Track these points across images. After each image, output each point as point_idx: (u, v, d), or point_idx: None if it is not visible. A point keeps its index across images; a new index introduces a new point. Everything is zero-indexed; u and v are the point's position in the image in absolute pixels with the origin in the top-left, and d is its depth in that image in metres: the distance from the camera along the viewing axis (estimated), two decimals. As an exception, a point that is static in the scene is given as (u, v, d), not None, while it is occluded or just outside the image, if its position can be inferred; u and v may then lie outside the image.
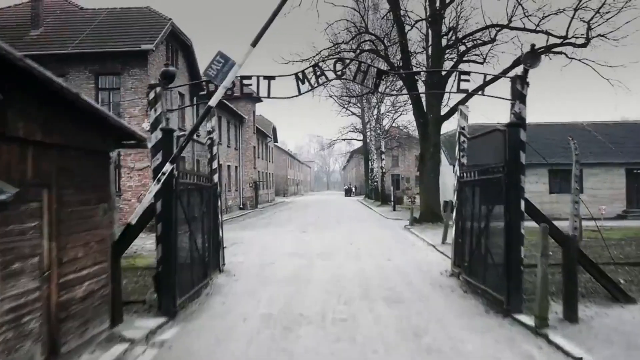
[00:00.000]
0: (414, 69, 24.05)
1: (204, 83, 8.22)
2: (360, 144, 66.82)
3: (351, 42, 22.95)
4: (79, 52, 20.74)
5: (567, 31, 19.52)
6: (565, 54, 20.14)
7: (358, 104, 56.52)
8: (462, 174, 10.73)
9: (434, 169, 22.40)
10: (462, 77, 7.96)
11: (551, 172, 27.03)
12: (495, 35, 23.31)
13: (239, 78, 7.74)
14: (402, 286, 10.11)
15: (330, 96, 35.26)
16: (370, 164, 57.89)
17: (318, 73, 7.78)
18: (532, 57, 7.56)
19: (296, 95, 7.88)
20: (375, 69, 9.49)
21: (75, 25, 22.95)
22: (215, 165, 11.39)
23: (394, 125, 54.89)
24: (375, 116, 50.85)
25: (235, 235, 19.70)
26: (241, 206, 40.67)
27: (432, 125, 22.32)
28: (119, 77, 21.27)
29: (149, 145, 7.59)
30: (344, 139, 64.61)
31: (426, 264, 12.77)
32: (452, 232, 15.95)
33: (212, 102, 7.16)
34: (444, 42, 22.65)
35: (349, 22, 23.57)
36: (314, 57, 20.82)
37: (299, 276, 11.28)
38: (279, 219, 29.29)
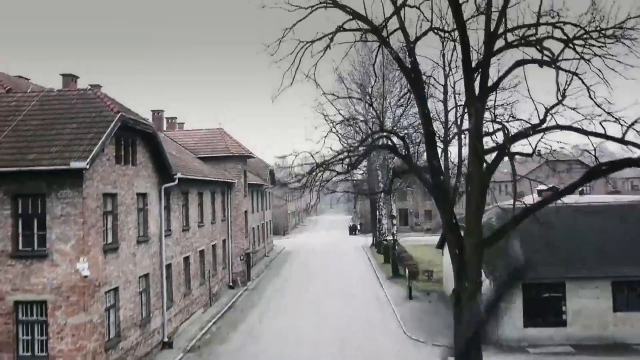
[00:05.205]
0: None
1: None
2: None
3: (360, 146, 17.13)
4: (-15, 171, 15.12)
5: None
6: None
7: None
8: None
9: (473, 315, 16.54)
10: None
11: (615, 285, 21.21)
12: (544, 116, 17.70)
13: None
14: None
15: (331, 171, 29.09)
16: (377, 213, 51.83)
17: None
18: None
19: None
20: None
21: (-6, 121, 17.31)
22: None
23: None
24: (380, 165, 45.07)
25: None
26: (230, 284, 34.98)
27: (470, 254, 16.51)
28: (44, 200, 15.60)
29: None
30: (347, 180, 59.28)
31: None
32: None
33: None
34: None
35: (357, 118, 17.99)
36: (310, 173, 15.20)
37: None
38: (266, 333, 23.43)
